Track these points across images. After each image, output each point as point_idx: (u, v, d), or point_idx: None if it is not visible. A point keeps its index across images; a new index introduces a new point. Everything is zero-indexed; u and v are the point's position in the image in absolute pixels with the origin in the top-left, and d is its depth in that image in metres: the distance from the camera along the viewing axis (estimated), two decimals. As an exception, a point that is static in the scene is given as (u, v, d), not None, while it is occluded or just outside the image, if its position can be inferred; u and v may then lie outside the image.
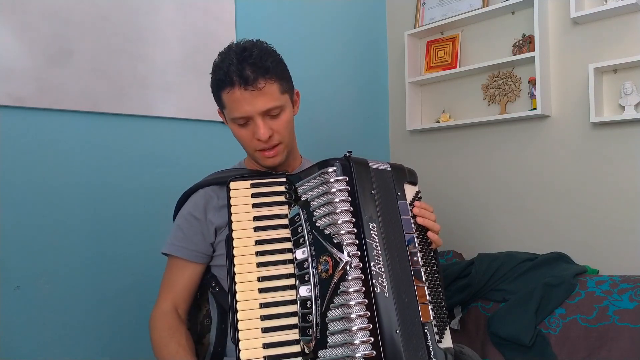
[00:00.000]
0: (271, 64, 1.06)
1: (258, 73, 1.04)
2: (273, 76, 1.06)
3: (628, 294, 1.49)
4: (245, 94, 1.04)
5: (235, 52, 1.06)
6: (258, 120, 1.07)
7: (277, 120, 1.10)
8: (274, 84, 1.07)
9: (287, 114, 1.12)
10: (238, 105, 1.06)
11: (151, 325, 1.13)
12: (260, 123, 1.07)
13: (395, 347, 0.89)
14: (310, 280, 0.93)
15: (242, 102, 1.05)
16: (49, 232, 1.48)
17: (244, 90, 1.04)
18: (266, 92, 1.05)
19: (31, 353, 1.42)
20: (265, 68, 1.05)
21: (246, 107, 1.06)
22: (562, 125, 1.97)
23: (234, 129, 1.13)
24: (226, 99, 1.08)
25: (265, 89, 1.05)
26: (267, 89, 1.05)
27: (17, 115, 1.44)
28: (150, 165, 1.70)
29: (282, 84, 1.09)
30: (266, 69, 1.05)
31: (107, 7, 1.61)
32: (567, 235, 1.94)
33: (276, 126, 1.10)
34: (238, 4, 1.94)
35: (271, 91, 1.06)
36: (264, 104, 1.06)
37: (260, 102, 1.05)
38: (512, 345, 1.59)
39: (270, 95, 1.06)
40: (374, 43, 2.54)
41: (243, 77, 1.03)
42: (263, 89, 1.05)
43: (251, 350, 0.91)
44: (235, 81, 1.04)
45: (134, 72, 1.66)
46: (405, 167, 1.13)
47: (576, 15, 1.83)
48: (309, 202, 0.99)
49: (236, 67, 1.04)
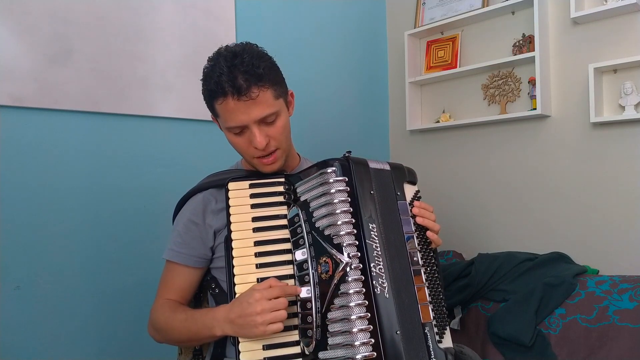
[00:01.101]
0: (263, 70, 1.02)
1: (251, 81, 1.00)
2: (266, 83, 1.03)
3: (628, 294, 1.49)
4: (239, 104, 1.01)
5: (225, 58, 1.03)
6: (254, 129, 1.04)
7: (272, 127, 1.07)
8: (268, 91, 1.03)
9: (282, 119, 1.09)
10: (232, 116, 1.03)
11: (152, 319, 1.13)
12: (256, 131, 1.04)
13: (396, 348, 0.89)
14: (310, 282, 0.94)
15: (237, 112, 1.02)
16: (49, 232, 1.48)
17: (237, 101, 1.01)
18: (260, 100, 1.02)
19: (31, 353, 1.42)
20: (257, 75, 1.01)
21: (241, 116, 1.03)
22: (562, 125, 1.97)
23: (230, 137, 1.10)
24: (220, 109, 1.05)
25: (259, 98, 1.01)
26: (261, 97, 1.02)
27: (17, 115, 1.44)
28: (150, 165, 1.70)
29: (275, 89, 1.06)
30: (259, 76, 1.01)
31: (107, 7, 1.61)
32: (567, 235, 1.94)
33: (272, 132, 1.07)
34: (238, 4, 1.94)
35: (265, 98, 1.03)
36: (259, 112, 1.03)
37: (255, 111, 1.02)
38: (512, 345, 1.59)
39: (265, 102, 1.03)
40: (374, 43, 2.54)
41: (236, 86, 1.00)
42: (257, 98, 1.01)
43: (251, 351, 0.91)
44: (228, 91, 1.00)
45: (134, 72, 1.66)
46: (404, 167, 1.13)
47: (576, 15, 1.83)
48: (308, 202, 0.99)
49: (227, 76, 1.00)
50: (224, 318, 0.96)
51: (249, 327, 0.91)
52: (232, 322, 0.94)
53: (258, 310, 0.89)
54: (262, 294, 0.91)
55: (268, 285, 0.92)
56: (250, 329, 0.91)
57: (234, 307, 0.94)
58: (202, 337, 1.03)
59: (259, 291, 0.92)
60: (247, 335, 0.92)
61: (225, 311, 0.96)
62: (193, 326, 1.03)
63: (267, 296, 0.91)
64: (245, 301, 0.92)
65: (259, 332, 0.90)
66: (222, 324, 0.96)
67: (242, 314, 0.92)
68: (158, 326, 1.11)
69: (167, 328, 1.09)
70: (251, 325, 0.90)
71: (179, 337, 1.08)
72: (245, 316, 0.91)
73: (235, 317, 0.93)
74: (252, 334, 0.91)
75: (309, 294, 0.93)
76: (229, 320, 0.94)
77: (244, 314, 0.91)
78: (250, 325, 0.90)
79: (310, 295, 0.93)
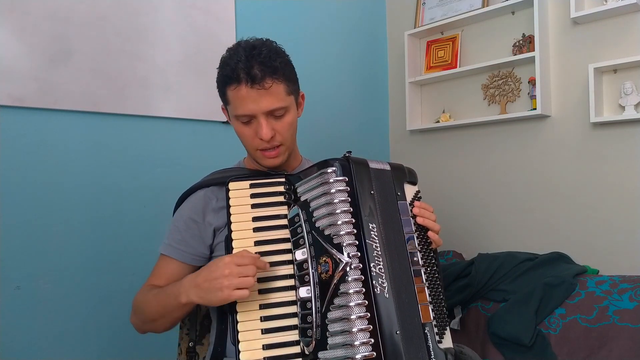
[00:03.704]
0: (279, 65, 1.05)
1: (266, 72, 1.03)
2: (280, 77, 1.05)
3: (628, 294, 1.49)
4: (252, 92, 1.03)
5: (245, 49, 1.05)
6: (261, 120, 1.06)
7: (280, 122, 1.09)
8: (281, 85, 1.06)
9: (291, 115, 1.11)
10: (243, 103, 1.05)
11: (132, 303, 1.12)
12: (263, 122, 1.06)
13: (396, 348, 0.89)
14: (310, 281, 0.93)
15: (248, 100, 1.04)
16: (49, 232, 1.48)
17: (250, 88, 1.03)
18: (272, 92, 1.04)
19: (31, 353, 1.43)
20: (273, 67, 1.04)
21: (251, 105, 1.05)
22: (562, 125, 1.97)
23: (237, 126, 1.12)
24: (231, 95, 1.07)
25: (271, 89, 1.04)
26: (273, 89, 1.04)
27: (17, 115, 1.44)
28: (150, 165, 1.70)
29: (288, 85, 1.08)
30: (274, 69, 1.04)
31: (107, 7, 1.61)
32: (567, 235, 1.94)
33: (279, 127, 1.09)
34: (238, 4, 1.94)
35: (277, 91, 1.05)
36: (269, 103, 1.05)
37: (266, 102, 1.05)
38: (512, 345, 1.59)
39: (276, 95, 1.05)
40: (374, 43, 2.54)
41: (250, 74, 1.02)
42: (270, 89, 1.04)
43: (251, 351, 0.91)
44: (242, 78, 1.03)
45: (134, 72, 1.66)
46: (404, 167, 1.13)
47: (576, 15, 1.83)
48: (308, 202, 0.99)
49: (244, 64, 1.03)
50: (190, 283, 0.94)
51: (214, 291, 0.89)
52: (198, 286, 0.92)
53: (226, 273, 0.88)
54: (232, 259, 0.90)
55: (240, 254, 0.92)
56: (215, 292, 0.89)
57: (202, 271, 0.94)
58: (170, 307, 1.01)
59: (229, 256, 0.92)
60: (211, 300, 0.91)
61: (193, 276, 0.95)
62: (162, 297, 1.02)
63: (236, 262, 0.90)
64: (214, 264, 0.91)
65: (224, 296, 0.88)
66: (188, 289, 0.94)
67: (208, 277, 0.91)
68: (134, 307, 1.11)
69: (141, 306, 1.09)
70: (216, 289, 0.89)
71: (150, 313, 1.06)
72: (211, 279, 0.90)
73: (202, 281, 0.92)
74: (216, 297, 0.89)
75: (309, 294, 0.93)
76: (195, 285, 0.93)
77: (211, 277, 0.90)
78: (216, 288, 0.89)
79: (310, 295, 0.93)
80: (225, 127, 1.88)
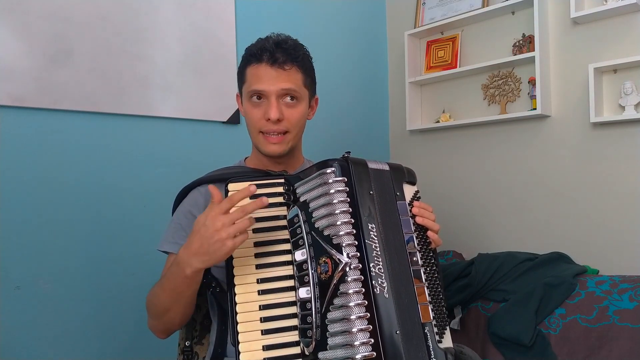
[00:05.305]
0: (302, 56, 1.13)
1: (288, 58, 1.10)
2: (300, 66, 1.12)
3: (628, 294, 1.49)
4: (270, 70, 1.09)
5: (274, 38, 1.13)
6: (272, 100, 1.10)
7: (290, 109, 1.13)
8: (299, 74, 1.13)
9: (302, 107, 1.15)
10: (258, 79, 1.10)
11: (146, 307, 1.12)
12: (274, 102, 1.10)
13: (396, 348, 0.89)
14: (310, 282, 0.93)
15: (264, 77, 1.09)
16: (49, 232, 1.48)
17: (269, 67, 1.09)
18: (289, 74, 1.11)
19: (31, 353, 1.43)
20: (296, 56, 1.11)
21: (266, 82, 1.10)
22: (562, 125, 1.97)
23: (247, 107, 1.15)
24: (250, 72, 1.12)
25: (289, 72, 1.10)
26: (291, 73, 1.11)
27: (17, 115, 1.44)
28: (150, 165, 1.70)
29: (305, 78, 1.15)
30: (296, 57, 1.11)
31: (107, 7, 1.61)
32: (567, 235, 1.94)
33: (288, 114, 1.13)
34: (238, 4, 1.94)
35: (294, 77, 1.12)
36: (284, 84, 1.10)
37: (281, 82, 1.10)
38: (512, 345, 1.59)
39: (293, 79, 1.11)
40: (374, 43, 2.54)
41: (273, 57, 1.09)
42: (288, 71, 1.10)
43: (251, 352, 0.91)
44: (264, 58, 1.09)
45: (134, 72, 1.66)
46: (404, 167, 1.13)
47: (576, 15, 1.83)
48: (307, 203, 0.99)
49: (270, 47, 1.10)
50: (188, 253, 0.92)
51: (216, 249, 0.87)
52: (197, 252, 0.90)
53: (218, 226, 0.87)
54: (215, 211, 0.88)
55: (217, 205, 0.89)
56: (218, 249, 0.87)
57: (193, 238, 0.91)
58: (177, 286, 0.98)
59: (211, 209, 0.89)
60: (218, 257, 0.89)
61: (185, 247, 0.93)
62: (167, 282, 1.01)
63: (220, 211, 0.88)
64: (201, 225, 0.89)
65: (228, 248, 0.87)
66: (188, 260, 0.92)
67: (203, 241, 0.89)
68: (147, 308, 1.10)
69: (152, 301, 1.08)
70: (218, 246, 0.87)
71: (161, 304, 1.05)
72: (208, 239, 0.88)
73: (198, 246, 0.90)
74: (221, 252, 0.87)
75: (309, 294, 0.93)
76: (193, 253, 0.91)
77: (206, 238, 0.88)
78: (217, 245, 0.87)
79: (310, 296, 0.93)
80: (225, 127, 1.88)
